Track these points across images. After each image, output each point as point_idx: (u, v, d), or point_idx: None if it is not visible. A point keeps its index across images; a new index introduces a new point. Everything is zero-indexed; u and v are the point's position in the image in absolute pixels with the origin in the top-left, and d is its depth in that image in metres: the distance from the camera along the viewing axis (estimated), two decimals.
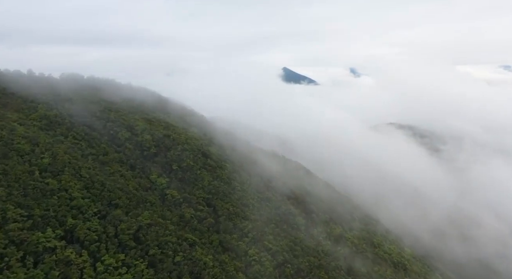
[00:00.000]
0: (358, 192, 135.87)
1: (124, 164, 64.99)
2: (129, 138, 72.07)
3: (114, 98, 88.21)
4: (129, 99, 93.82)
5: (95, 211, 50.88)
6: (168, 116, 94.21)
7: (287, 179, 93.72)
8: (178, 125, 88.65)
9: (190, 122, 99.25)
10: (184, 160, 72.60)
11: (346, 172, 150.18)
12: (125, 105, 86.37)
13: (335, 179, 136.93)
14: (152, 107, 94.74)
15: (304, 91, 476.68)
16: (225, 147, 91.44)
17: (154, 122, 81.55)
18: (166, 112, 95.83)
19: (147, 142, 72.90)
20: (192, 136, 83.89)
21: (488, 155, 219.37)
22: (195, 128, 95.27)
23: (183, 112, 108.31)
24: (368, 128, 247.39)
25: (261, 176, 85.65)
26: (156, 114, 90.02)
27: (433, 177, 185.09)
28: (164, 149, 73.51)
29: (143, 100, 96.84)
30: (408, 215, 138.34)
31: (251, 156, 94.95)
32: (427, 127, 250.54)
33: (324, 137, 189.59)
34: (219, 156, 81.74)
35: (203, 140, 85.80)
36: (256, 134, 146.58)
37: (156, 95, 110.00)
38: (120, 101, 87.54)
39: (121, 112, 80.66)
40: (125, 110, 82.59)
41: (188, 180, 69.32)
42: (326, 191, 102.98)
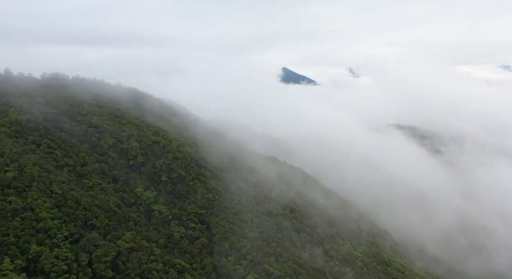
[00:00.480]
0: (360, 195, 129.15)
1: (106, 176, 57.31)
2: (113, 145, 64.40)
3: (101, 101, 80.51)
4: (117, 101, 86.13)
5: (66, 234, 43.30)
6: (160, 120, 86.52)
7: (288, 188, 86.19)
8: (170, 130, 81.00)
9: (182, 126, 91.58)
10: (175, 169, 64.98)
11: (347, 174, 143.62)
12: (111, 109, 78.60)
13: (336, 181, 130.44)
14: (141, 110, 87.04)
15: (304, 92, 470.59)
16: (222, 153, 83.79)
17: (142, 127, 73.83)
18: (157, 115, 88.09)
19: (133, 149, 65.23)
20: (184, 142, 76.23)
21: (490, 156, 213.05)
22: (187, 132, 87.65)
23: (176, 114, 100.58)
24: (369, 130, 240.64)
25: (261, 185, 78.10)
26: (145, 118, 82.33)
27: (436, 179, 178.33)
28: (152, 158, 65.86)
29: (133, 103, 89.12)
30: (413, 221, 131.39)
31: (250, 163, 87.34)
32: (427, 127, 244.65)
33: (323, 139, 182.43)
34: (214, 164, 74.12)
35: (197, 146, 78.17)
36: (254, 137, 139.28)
37: (147, 97, 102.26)
38: (107, 104, 79.80)
39: (106, 116, 72.95)
40: (111, 114, 74.86)
41: (179, 193, 61.68)
42: (330, 200, 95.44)
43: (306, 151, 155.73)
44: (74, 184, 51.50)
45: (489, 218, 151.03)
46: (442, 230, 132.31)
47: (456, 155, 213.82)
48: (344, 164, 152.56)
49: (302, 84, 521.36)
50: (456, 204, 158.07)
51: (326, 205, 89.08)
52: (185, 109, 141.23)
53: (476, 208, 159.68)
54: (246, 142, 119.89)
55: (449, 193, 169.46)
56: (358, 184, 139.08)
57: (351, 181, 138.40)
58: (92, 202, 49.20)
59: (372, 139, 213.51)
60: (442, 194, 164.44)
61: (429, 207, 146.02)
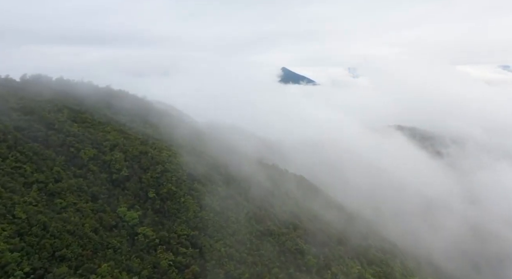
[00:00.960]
0: (362, 201, 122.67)
1: (84, 193, 49.92)
2: (94, 157, 57.01)
3: (85, 105, 73.20)
4: (104, 105, 78.85)
5: (28, 270, 35.86)
6: (150, 126, 79.11)
7: (291, 200, 78.94)
8: (162, 138, 73.63)
9: (177, 132, 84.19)
10: (164, 184, 57.59)
11: (347, 177, 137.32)
12: (96, 114, 71.22)
13: (336, 186, 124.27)
14: (129, 115, 79.69)
15: (303, 92, 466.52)
16: (218, 162, 76.47)
17: (129, 136, 66.43)
18: (146, 122, 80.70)
19: (117, 161, 57.82)
20: (176, 152, 68.85)
21: (492, 158, 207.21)
22: (179, 139, 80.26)
23: (170, 119, 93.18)
24: (368, 131, 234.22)
25: (261, 199, 70.76)
26: (134, 124, 74.97)
27: (440, 184, 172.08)
28: (139, 171, 58.44)
29: (121, 107, 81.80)
30: (420, 229, 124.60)
31: (248, 173, 79.94)
32: (427, 128, 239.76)
33: (322, 141, 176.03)
34: (209, 176, 66.76)
35: (190, 156, 70.76)
36: (252, 141, 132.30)
37: (138, 101, 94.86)
38: (91, 109, 72.46)
39: (89, 123, 65.55)
40: (95, 120, 67.49)
41: (169, 211, 54.32)
42: (335, 212, 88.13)
43: (305, 154, 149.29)
44: (44, 205, 44.11)
45: (496, 223, 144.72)
46: (450, 238, 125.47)
47: (458, 157, 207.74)
48: (344, 167, 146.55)
49: (302, 84, 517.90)
50: (462, 210, 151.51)
51: (331, 219, 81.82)
52: (181, 113, 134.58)
53: (483, 213, 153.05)
54: (244, 147, 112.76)
55: (454, 198, 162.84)
56: (359, 189, 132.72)
57: (352, 185, 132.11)
58: (63, 228, 41.82)
59: (372, 141, 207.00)
60: (447, 199, 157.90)
61: (436, 214, 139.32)
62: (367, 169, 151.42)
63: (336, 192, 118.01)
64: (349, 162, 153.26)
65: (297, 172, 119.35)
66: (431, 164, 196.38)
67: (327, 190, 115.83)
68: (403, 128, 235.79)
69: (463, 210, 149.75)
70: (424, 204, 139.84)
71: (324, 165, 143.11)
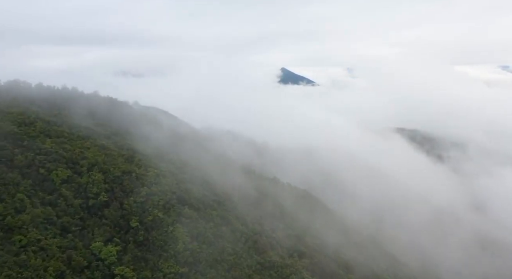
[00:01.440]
0: (363, 210, 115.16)
1: (52, 226, 41.98)
2: (68, 179, 49.04)
3: (63, 116, 65.28)
4: (86, 116, 70.86)
5: None
6: (138, 138, 71.03)
7: (294, 222, 71.07)
8: (150, 153, 65.68)
9: (168, 145, 76.25)
10: (149, 210, 49.63)
11: (346, 184, 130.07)
12: (75, 127, 63.22)
13: (334, 195, 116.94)
14: (116, 126, 71.72)
15: (302, 93, 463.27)
16: (213, 179, 68.59)
17: (112, 152, 58.51)
18: (135, 134, 72.67)
19: (95, 184, 49.84)
20: (166, 169, 60.94)
21: (496, 163, 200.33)
22: (175, 154, 72.28)
23: (161, 130, 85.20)
24: (368, 134, 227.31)
25: (261, 222, 62.95)
26: (119, 137, 66.99)
27: (444, 190, 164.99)
28: (120, 195, 50.48)
29: (106, 117, 73.88)
30: (427, 243, 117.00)
31: (248, 191, 72.22)
32: (427, 130, 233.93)
33: (322, 147, 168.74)
34: (203, 197, 58.81)
35: (182, 173, 62.86)
36: (251, 149, 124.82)
37: (128, 108, 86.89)
38: (70, 120, 64.52)
39: (65, 137, 57.59)
40: (73, 134, 59.56)
41: (154, 243, 46.37)
42: (342, 231, 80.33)
43: (304, 161, 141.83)
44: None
45: (505, 231, 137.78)
46: (460, 253, 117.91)
47: (460, 162, 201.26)
48: (343, 174, 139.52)
49: (301, 84, 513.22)
50: (470, 220, 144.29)
51: (338, 241, 73.96)
52: (176, 119, 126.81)
53: (491, 224, 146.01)
54: (242, 158, 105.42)
55: (460, 207, 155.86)
56: (360, 197, 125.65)
57: (351, 193, 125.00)
58: (18, 276, 33.89)
59: (372, 145, 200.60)
60: (453, 207, 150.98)
61: (442, 224, 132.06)
62: (367, 174, 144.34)
63: (336, 202, 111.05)
64: (348, 167, 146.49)
65: (296, 179, 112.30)
66: (434, 169, 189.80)
67: (326, 198, 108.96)
68: (403, 131, 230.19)
69: (471, 220, 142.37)
70: (429, 214, 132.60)
71: (323, 171, 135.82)
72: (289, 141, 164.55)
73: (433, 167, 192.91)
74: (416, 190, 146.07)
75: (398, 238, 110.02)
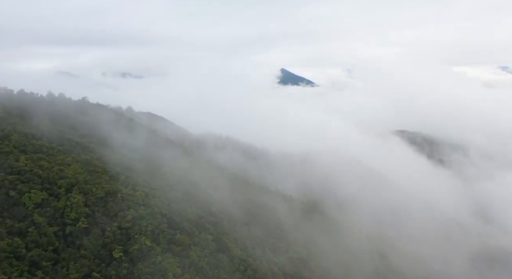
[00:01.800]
0: (365, 221, 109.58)
1: (19, 261, 35.98)
2: (42, 203, 43.15)
3: (44, 128, 59.34)
4: (70, 126, 64.96)
5: None
6: (127, 151, 65.13)
7: (298, 242, 65.26)
8: (140, 168, 59.79)
9: (161, 158, 70.35)
10: (136, 238, 43.74)
11: (346, 190, 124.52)
12: (56, 140, 57.25)
13: (332, 201, 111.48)
14: (103, 138, 65.77)
15: (301, 94, 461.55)
16: (210, 197, 62.80)
17: (96, 169, 52.61)
18: (124, 145, 66.70)
19: (74, 208, 43.97)
20: (157, 187, 55.06)
21: (498, 167, 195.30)
22: (168, 168, 66.39)
23: (154, 139, 79.27)
24: (367, 137, 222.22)
25: (263, 244, 57.14)
26: (107, 151, 61.06)
27: (448, 197, 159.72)
28: (103, 220, 44.61)
29: (93, 127, 67.97)
30: (433, 256, 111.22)
31: (249, 205, 66.45)
32: (428, 132, 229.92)
33: (322, 148, 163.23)
34: (197, 218, 52.93)
35: (174, 191, 56.96)
36: (250, 156, 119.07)
37: (118, 118, 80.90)
38: (52, 133, 58.59)
39: (44, 152, 51.69)
40: (53, 148, 53.66)
41: (139, 278, 40.52)
42: (351, 252, 74.54)
43: (303, 164, 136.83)
44: None
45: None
46: (468, 264, 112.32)
47: (462, 165, 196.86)
48: (343, 179, 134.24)
49: (301, 85, 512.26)
50: (475, 226, 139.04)
51: (346, 261, 68.17)
52: (172, 125, 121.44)
53: (495, 229, 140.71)
54: (241, 169, 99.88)
55: (465, 212, 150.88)
56: (362, 204, 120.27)
57: (352, 200, 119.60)
58: None
59: (373, 149, 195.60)
60: (458, 213, 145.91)
61: (448, 234, 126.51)
62: (369, 180, 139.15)
63: (337, 210, 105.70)
64: (349, 172, 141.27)
65: (298, 187, 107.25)
66: (436, 173, 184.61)
67: (328, 206, 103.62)
68: (403, 133, 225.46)
69: (476, 227, 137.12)
70: (433, 221, 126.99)
71: (324, 177, 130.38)
72: (289, 145, 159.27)
73: (435, 171, 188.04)
74: (419, 196, 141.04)
75: (403, 250, 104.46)
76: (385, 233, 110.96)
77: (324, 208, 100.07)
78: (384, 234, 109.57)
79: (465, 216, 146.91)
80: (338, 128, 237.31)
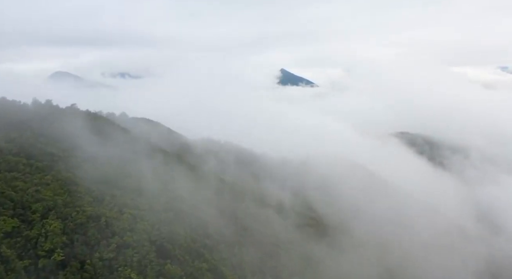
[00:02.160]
0: (368, 235, 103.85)
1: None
2: (12, 232, 37.80)
3: (23, 141, 54.04)
4: (54, 138, 59.71)
5: None
6: (115, 166, 59.76)
7: (301, 265, 60.03)
8: (128, 185, 54.47)
9: (151, 172, 64.97)
10: (119, 270, 38.52)
11: (348, 194, 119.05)
12: (36, 155, 51.96)
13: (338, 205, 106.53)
14: (90, 151, 60.40)
15: (302, 95, 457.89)
16: (206, 214, 57.52)
17: (77, 189, 47.29)
18: (111, 160, 61.27)
19: (50, 237, 38.71)
20: (147, 207, 49.79)
21: (501, 171, 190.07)
22: (160, 183, 61.03)
23: (146, 151, 73.76)
24: (369, 139, 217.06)
25: (264, 270, 51.88)
26: (93, 166, 55.71)
27: (452, 203, 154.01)
28: (82, 250, 39.28)
29: (79, 139, 62.62)
30: (444, 265, 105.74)
31: (250, 224, 61.21)
32: (429, 133, 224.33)
33: (323, 152, 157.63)
34: (191, 242, 47.65)
35: (165, 212, 51.67)
36: (250, 162, 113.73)
37: (107, 128, 75.34)
38: (30, 146, 53.30)
39: (19, 171, 46.33)
40: (31, 165, 48.41)
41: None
42: (359, 270, 69.36)
43: (304, 170, 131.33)
44: None
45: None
46: (476, 274, 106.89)
47: (464, 169, 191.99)
48: (345, 185, 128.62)
49: (300, 85, 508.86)
50: (480, 233, 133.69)
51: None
52: (168, 131, 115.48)
53: (502, 238, 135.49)
54: (239, 176, 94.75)
55: (469, 218, 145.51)
56: (362, 213, 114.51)
57: (352, 210, 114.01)
58: None
59: (373, 152, 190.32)
60: (462, 220, 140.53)
61: (454, 245, 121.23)
62: (370, 185, 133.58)
63: (336, 219, 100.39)
64: (350, 177, 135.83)
65: (299, 194, 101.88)
66: (439, 178, 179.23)
67: (331, 215, 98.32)
68: (403, 135, 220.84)
69: (483, 237, 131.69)
70: (437, 228, 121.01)
71: (324, 182, 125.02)
72: (289, 149, 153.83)
73: (437, 175, 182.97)
74: (421, 201, 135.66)
75: (406, 259, 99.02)
76: (388, 242, 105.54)
77: (325, 217, 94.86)
78: (387, 243, 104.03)
79: (469, 222, 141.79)
80: (337, 131, 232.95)
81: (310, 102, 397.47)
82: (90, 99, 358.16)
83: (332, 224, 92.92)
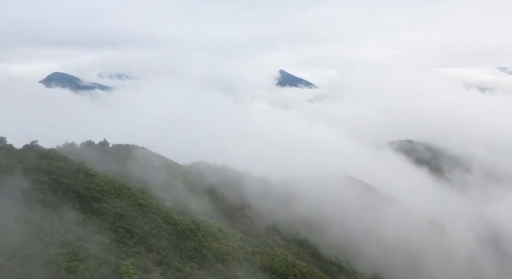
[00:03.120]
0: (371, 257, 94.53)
1: None
2: None
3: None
4: (37, 177, 53.10)
5: None
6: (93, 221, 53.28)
7: None
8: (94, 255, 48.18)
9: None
10: None
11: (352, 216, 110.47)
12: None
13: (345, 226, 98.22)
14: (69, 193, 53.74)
15: (301, 95, 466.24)
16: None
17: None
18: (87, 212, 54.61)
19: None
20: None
21: (505, 184, 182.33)
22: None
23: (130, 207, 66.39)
24: (368, 149, 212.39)
25: None
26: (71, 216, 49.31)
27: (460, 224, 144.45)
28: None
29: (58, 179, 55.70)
30: None
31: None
32: (428, 142, 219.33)
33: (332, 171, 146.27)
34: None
35: (147, 273, 45.63)
36: (248, 191, 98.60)
37: (81, 175, 67.39)
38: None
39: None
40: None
41: None
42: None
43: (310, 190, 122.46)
44: None
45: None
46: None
47: (466, 183, 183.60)
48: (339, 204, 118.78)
49: (299, 86, 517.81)
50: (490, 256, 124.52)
51: None
52: (161, 159, 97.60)
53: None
54: (239, 200, 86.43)
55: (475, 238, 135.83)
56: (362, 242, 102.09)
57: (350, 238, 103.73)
58: None
59: (369, 163, 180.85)
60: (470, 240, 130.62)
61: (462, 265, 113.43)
62: (375, 202, 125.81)
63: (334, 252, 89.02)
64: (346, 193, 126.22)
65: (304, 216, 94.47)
66: (442, 191, 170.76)
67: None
68: (402, 143, 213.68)
69: (492, 259, 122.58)
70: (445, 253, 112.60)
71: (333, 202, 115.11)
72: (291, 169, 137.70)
73: (440, 187, 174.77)
74: (426, 217, 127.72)
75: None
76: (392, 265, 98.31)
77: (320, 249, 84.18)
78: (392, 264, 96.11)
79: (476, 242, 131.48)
80: (334, 140, 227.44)
81: (309, 104, 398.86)
82: (88, 97, 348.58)
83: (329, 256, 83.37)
